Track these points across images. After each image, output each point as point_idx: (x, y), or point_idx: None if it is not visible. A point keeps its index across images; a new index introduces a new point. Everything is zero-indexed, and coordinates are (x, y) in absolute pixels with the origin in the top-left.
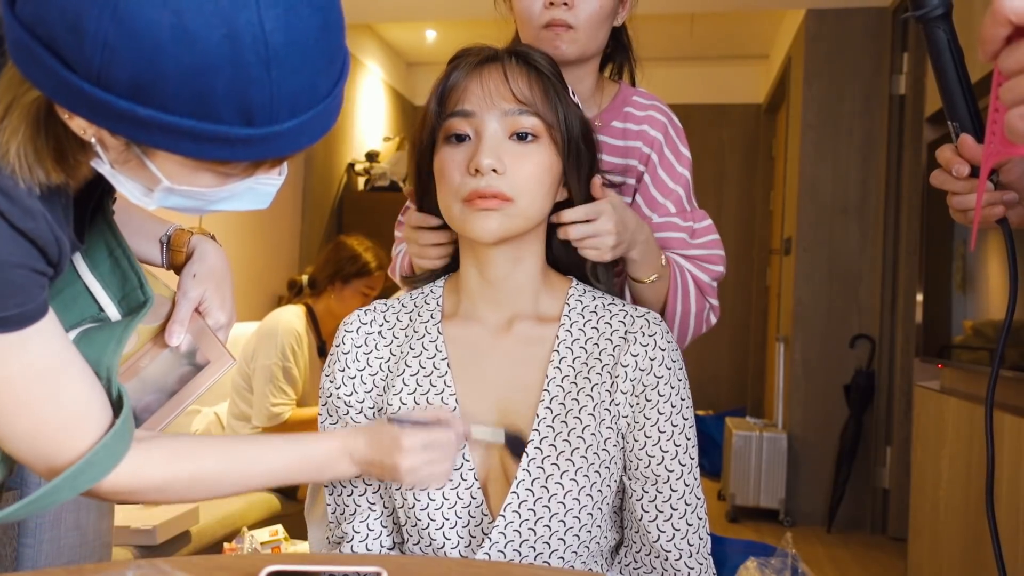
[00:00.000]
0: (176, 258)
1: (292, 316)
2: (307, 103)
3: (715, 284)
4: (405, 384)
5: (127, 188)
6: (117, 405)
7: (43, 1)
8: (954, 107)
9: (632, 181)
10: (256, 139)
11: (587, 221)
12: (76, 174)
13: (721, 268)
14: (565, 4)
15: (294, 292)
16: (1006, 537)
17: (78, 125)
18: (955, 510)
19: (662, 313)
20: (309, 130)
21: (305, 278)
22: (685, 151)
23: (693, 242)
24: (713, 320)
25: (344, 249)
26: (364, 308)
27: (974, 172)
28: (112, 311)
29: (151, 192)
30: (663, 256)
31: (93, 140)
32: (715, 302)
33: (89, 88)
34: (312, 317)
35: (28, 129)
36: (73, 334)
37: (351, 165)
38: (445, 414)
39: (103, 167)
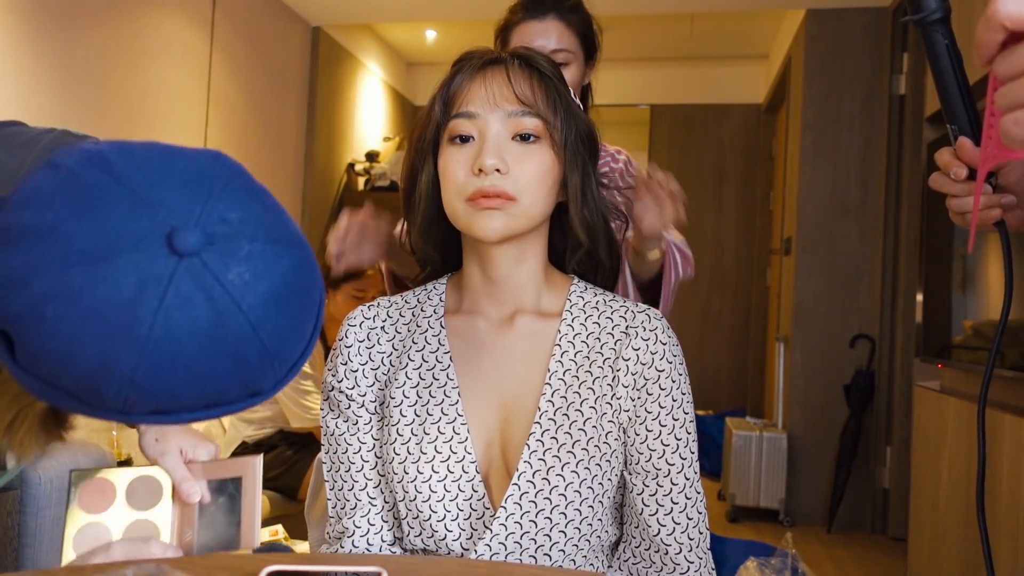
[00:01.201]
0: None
1: None
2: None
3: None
4: (408, 377)
5: None
6: None
7: (59, 371)
8: (952, 110)
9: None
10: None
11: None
12: None
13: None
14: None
15: None
16: (1006, 537)
17: None
18: (955, 510)
19: (657, 281)
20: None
21: None
22: None
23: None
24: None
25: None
26: (368, 304)
27: (972, 175)
28: None
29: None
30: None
31: None
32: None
33: (115, 416)
34: None
35: (35, 428)
36: None
37: (351, 165)
38: (156, 549)
39: None
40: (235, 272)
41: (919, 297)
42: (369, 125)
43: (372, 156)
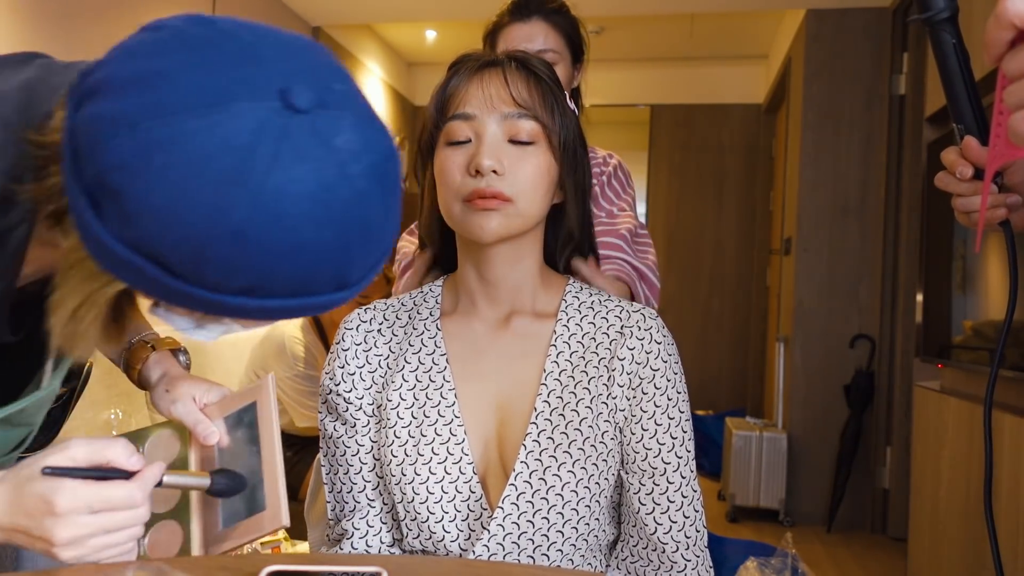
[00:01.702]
0: (130, 374)
1: (291, 327)
2: (356, 280)
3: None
4: (405, 380)
5: (175, 322)
6: None
7: (157, 229)
8: (959, 109)
9: None
10: (261, 309)
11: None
12: None
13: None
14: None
15: None
16: (1006, 536)
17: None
18: (955, 510)
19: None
20: (336, 302)
21: None
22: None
23: (636, 238)
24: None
25: None
26: (364, 307)
27: (978, 174)
28: None
29: (201, 327)
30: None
31: (161, 311)
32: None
33: (199, 293)
34: (319, 328)
35: (100, 317)
36: None
37: None
38: (120, 453)
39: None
40: (343, 139)
41: (919, 297)
42: None
43: None
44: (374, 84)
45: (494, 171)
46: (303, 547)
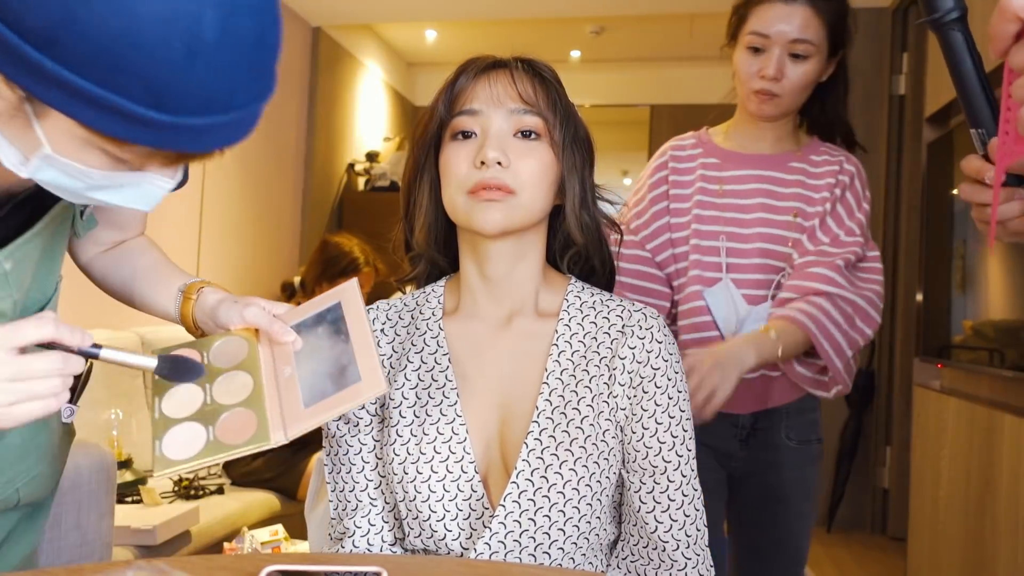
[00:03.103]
0: (185, 306)
1: None
2: (220, 107)
3: (864, 303)
4: (407, 379)
5: (3, 152)
6: None
7: (119, 52)
8: (977, 113)
9: (807, 207)
10: (159, 125)
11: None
12: None
13: (874, 288)
14: (775, 80)
15: (287, 295)
16: (1006, 536)
17: None
18: (955, 510)
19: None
20: (214, 134)
21: (298, 279)
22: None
23: (858, 265)
24: (868, 332)
25: (328, 249)
26: (367, 307)
27: (1010, 180)
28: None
29: (27, 161)
30: (771, 333)
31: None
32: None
33: (168, 119)
34: None
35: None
36: None
37: (351, 165)
38: (45, 323)
39: None
40: None
41: (919, 297)
42: (369, 125)
43: (372, 156)
44: (374, 84)
45: (499, 163)
46: (303, 547)
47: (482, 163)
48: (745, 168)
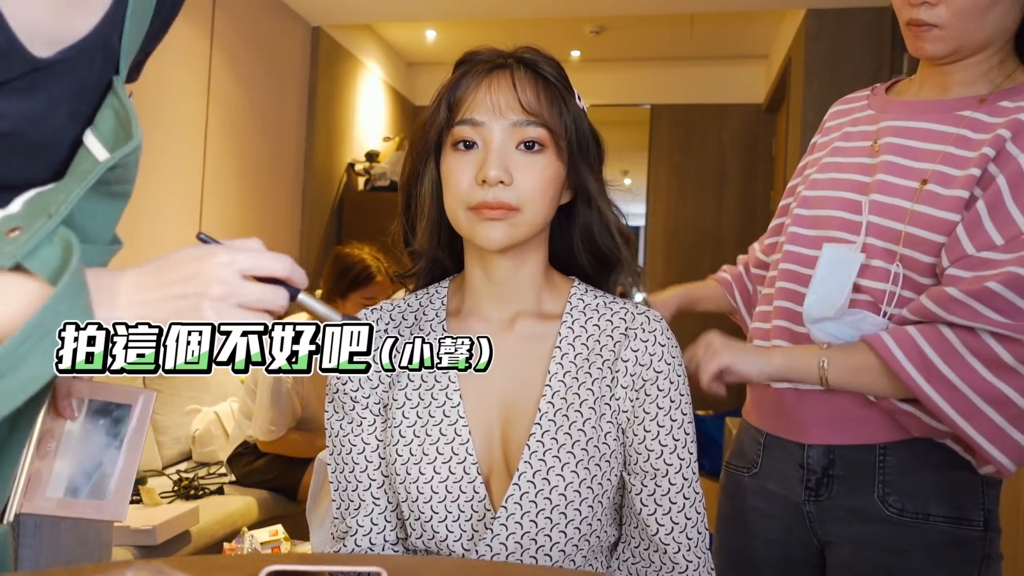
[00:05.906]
0: None
1: None
2: None
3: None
4: (410, 380)
5: None
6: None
7: None
8: None
9: (953, 171)
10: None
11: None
12: None
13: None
14: (927, 3)
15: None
16: (1006, 536)
17: None
18: None
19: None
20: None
21: (319, 293)
22: None
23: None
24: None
25: (339, 260)
26: (371, 308)
27: None
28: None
29: None
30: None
31: None
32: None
33: None
34: None
35: None
36: None
37: (351, 165)
38: (284, 258)
39: None
40: None
41: None
42: (369, 125)
43: (372, 156)
44: (374, 84)
45: (501, 182)
46: (304, 547)
47: (484, 181)
48: (893, 118)
